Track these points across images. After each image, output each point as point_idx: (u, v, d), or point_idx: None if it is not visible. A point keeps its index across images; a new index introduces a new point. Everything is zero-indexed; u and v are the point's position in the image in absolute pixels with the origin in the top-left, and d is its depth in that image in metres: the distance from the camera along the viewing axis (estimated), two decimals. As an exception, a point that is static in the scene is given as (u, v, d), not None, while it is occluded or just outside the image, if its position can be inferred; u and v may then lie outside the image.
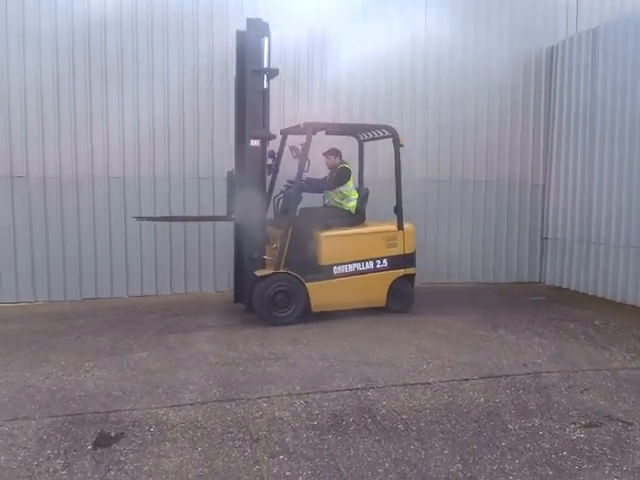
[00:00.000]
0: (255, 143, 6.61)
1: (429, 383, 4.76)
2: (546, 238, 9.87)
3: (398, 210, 7.38)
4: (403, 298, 7.36)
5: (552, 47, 9.69)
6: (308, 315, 6.76)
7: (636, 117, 7.85)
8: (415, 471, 3.33)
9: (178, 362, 5.28)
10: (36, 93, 7.86)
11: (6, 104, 7.77)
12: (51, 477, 3.25)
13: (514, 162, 9.81)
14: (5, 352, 5.61)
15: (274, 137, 6.93)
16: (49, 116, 7.93)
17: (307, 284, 6.69)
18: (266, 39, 6.51)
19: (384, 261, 7.15)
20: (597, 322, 6.86)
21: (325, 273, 6.84)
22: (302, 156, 6.79)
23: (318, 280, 6.78)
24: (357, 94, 9.05)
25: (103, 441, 3.70)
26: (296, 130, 7.14)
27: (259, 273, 6.65)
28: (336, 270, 6.90)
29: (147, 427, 3.91)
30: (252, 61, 6.50)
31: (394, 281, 7.24)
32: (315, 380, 4.81)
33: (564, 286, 9.33)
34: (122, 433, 3.82)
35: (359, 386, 4.67)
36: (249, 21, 6.50)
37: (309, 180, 7.16)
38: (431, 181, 9.51)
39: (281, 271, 6.64)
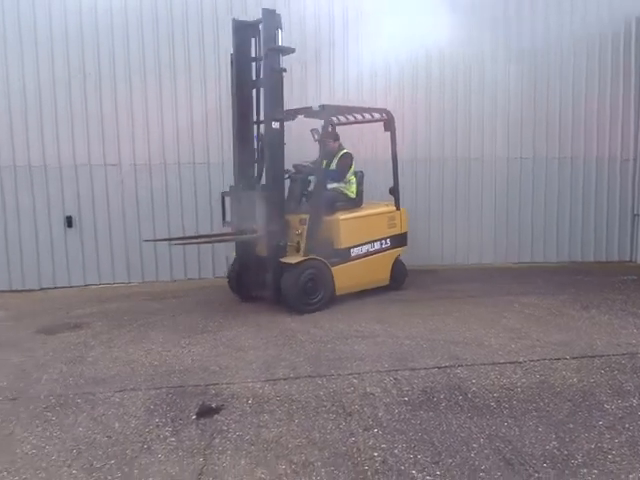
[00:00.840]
0: (276, 125, 6.45)
1: (519, 362, 4.72)
2: (637, 215, 9.43)
3: (395, 191, 7.48)
4: (399, 275, 7.53)
5: (644, 14, 9.18)
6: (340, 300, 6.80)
7: None
8: (510, 447, 3.34)
9: (268, 340, 5.48)
10: (140, 88, 8.31)
11: (97, 98, 8.21)
12: (162, 443, 3.49)
13: (602, 137, 9.40)
14: (108, 330, 6.00)
15: (294, 118, 6.82)
16: (138, 109, 8.33)
17: (332, 268, 6.65)
18: (280, 31, 6.39)
19: (387, 241, 7.29)
20: (696, 302, 6.55)
21: (344, 256, 6.83)
22: (321, 139, 6.71)
23: (339, 264, 6.76)
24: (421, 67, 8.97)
25: (205, 412, 3.92)
26: (307, 112, 6.97)
27: (289, 260, 6.48)
28: (353, 252, 6.92)
29: (245, 400, 4.10)
30: (267, 42, 6.35)
31: (395, 259, 7.41)
32: (403, 358, 4.88)
33: (657, 265, 8.93)
34: (222, 405, 4.03)
35: (447, 364, 4.70)
36: (264, 11, 6.38)
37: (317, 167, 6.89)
38: (513, 160, 9.29)
39: (310, 257, 6.52)
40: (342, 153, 7.19)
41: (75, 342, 5.59)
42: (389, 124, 7.34)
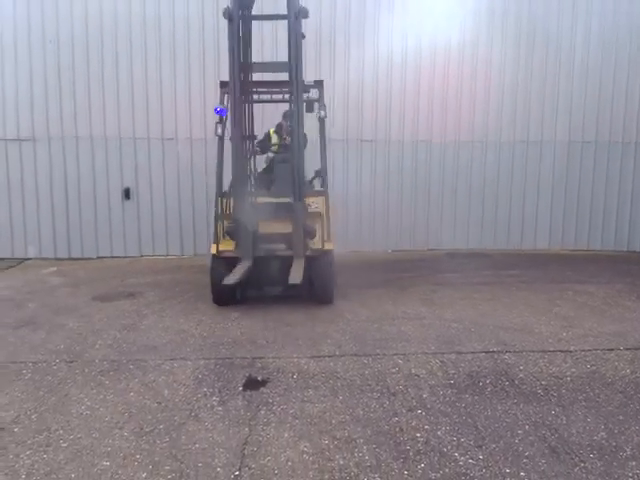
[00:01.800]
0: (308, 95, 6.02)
1: (570, 351, 4.63)
2: None
3: (323, 172, 6.48)
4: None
5: None
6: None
7: None
8: (556, 435, 3.30)
9: (315, 317, 5.54)
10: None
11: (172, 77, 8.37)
12: (209, 412, 3.60)
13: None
14: (160, 300, 6.18)
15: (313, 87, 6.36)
16: (195, 89, 8.46)
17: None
18: None
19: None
20: None
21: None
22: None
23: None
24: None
25: (252, 384, 4.01)
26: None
27: (328, 246, 5.99)
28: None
29: (290, 374, 4.17)
30: (292, 5, 5.54)
31: None
32: (450, 341, 4.85)
33: None
34: (268, 378, 4.11)
35: (495, 349, 4.65)
36: None
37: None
38: (574, 143, 9.00)
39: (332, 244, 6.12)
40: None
41: (129, 310, 5.79)
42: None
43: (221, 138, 6.19)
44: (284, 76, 5.71)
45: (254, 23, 6.01)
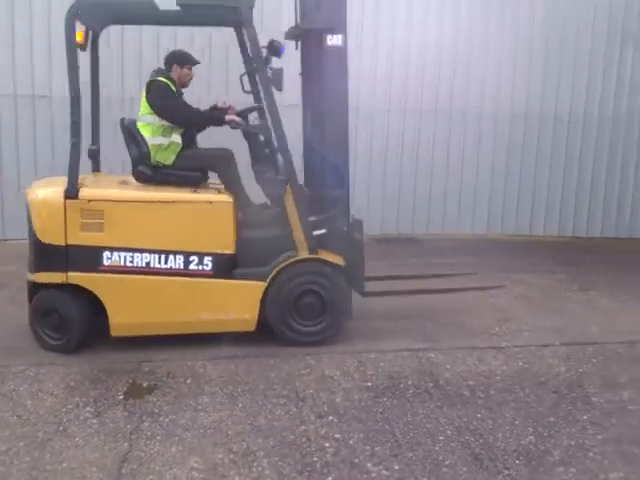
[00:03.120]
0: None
1: (501, 347, 4.87)
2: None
3: None
4: None
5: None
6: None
7: None
8: (481, 441, 3.47)
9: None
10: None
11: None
12: (81, 425, 3.55)
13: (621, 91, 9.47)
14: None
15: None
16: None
17: None
18: None
19: None
20: None
21: None
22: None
23: None
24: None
25: (135, 391, 3.99)
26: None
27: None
28: None
29: (182, 379, 4.18)
30: None
31: None
32: (371, 338, 4.98)
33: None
34: (155, 384, 4.10)
35: (421, 347, 4.81)
36: None
37: None
38: (516, 115, 9.35)
39: None
40: None
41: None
42: None
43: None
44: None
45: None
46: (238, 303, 4.74)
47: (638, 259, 8.30)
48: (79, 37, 4.57)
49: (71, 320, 4.56)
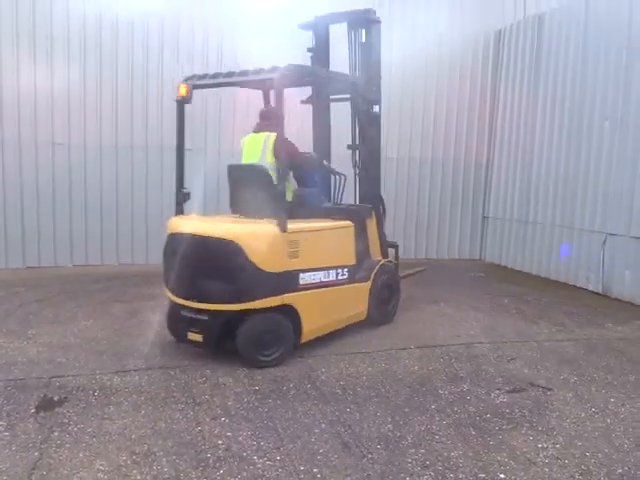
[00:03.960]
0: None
1: (368, 352, 5.00)
2: (486, 217, 10.25)
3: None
4: None
5: (499, 30, 9.95)
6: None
7: (575, 104, 8.18)
8: (350, 431, 3.55)
9: (121, 329, 5.36)
10: None
11: None
12: (-6, 438, 3.33)
13: (460, 142, 10.08)
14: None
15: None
16: None
17: None
18: None
19: None
20: (529, 298, 7.23)
21: None
22: None
23: None
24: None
25: (46, 405, 3.78)
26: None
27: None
28: None
29: (91, 392, 4.01)
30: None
31: None
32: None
33: (502, 263, 9.74)
34: (66, 397, 3.90)
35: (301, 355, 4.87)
36: None
37: None
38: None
39: None
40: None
41: None
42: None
43: None
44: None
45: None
46: (358, 299, 5.50)
47: (476, 276, 8.79)
48: (183, 91, 4.93)
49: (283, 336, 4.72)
